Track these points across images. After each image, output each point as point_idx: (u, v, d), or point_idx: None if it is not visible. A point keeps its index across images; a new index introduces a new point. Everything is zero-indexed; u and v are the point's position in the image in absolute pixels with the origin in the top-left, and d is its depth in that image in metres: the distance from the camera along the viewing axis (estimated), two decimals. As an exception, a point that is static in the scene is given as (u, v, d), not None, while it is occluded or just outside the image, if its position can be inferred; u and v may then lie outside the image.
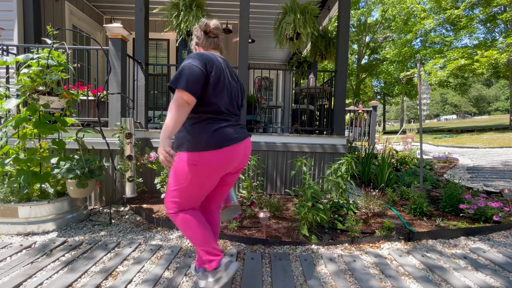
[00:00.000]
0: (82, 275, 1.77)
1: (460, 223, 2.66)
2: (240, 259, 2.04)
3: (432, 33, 18.00)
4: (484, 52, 12.75)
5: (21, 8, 3.65)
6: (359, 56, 23.57)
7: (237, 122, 1.55)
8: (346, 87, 3.83)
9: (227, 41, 6.27)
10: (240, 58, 3.69)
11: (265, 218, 2.28)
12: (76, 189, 2.41)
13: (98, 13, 5.87)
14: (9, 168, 2.40)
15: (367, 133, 7.09)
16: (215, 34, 1.54)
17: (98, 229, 2.51)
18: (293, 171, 2.91)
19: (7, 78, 3.03)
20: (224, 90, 1.43)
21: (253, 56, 8.74)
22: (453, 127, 20.07)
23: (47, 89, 2.32)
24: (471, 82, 24.82)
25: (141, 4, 3.54)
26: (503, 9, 14.41)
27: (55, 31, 2.42)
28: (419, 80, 3.44)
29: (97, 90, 3.44)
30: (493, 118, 32.53)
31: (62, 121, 2.55)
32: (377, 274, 1.87)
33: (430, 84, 14.59)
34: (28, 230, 2.39)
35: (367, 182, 4.09)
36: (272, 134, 3.64)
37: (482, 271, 1.90)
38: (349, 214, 2.87)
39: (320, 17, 5.51)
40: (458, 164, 5.99)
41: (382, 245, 2.32)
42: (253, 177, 3.44)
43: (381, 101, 27.25)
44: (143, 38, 3.58)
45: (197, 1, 3.80)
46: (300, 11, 3.81)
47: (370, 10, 21.73)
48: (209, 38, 1.54)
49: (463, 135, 14.03)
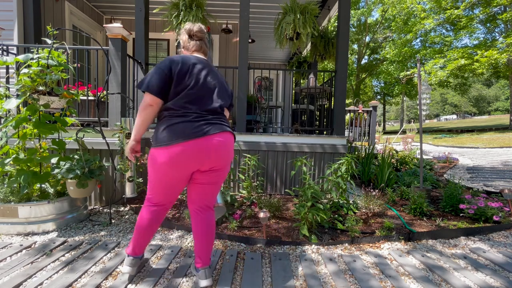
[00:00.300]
0: (82, 275, 1.77)
1: (460, 223, 2.66)
2: (240, 259, 2.04)
3: (432, 33, 18.01)
4: (484, 52, 12.75)
5: (21, 8, 3.65)
6: (359, 56, 23.57)
7: (209, 119, 1.50)
8: (346, 87, 3.83)
9: (227, 41, 6.27)
10: (240, 58, 3.69)
11: (265, 218, 2.28)
12: (76, 189, 2.41)
13: (98, 13, 5.87)
14: (9, 168, 2.40)
15: (367, 133, 7.09)
16: (198, 37, 1.63)
17: (98, 229, 2.51)
18: (293, 171, 2.91)
19: (7, 78, 3.03)
20: (190, 88, 1.47)
21: (253, 56, 8.74)
22: (453, 127, 20.07)
23: (47, 89, 2.32)
24: (471, 82, 24.82)
25: (141, 4, 3.54)
26: (503, 9, 14.41)
27: (55, 31, 2.42)
28: (419, 80, 3.44)
29: (97, 90, 3.44)
30: (493, 118, 32.53)
31: (62, 121, 2.55)
32: (377, 274, 1.87)
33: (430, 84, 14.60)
34: (28, 230, 2.39)
35: (367, 182, 4.09)
36: (272, 134, 3.64)
37: (482, 271, 1.90)
38: (349, 214, 2.87)
39: (320, 17, 5.51)
40: (458, 164, 5.99)
41: (382, 245, 2.32)
42: (253, 177, 3.44)
43: (381, 101, 27.25)
44: (143, 38, 3.59)
45: (197, 1, 3.80)
46: (300, 11, 3.81)
47: (370, 10, 21.74)
48: (192, 41, 1.61)
49: (463, 135, 14.03)
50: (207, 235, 1.63)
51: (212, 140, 1.46)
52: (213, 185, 1.61)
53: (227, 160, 1.56)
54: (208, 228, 1.63)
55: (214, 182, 1.60)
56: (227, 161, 1.57)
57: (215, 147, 1.47)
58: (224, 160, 1.54)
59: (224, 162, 1.55)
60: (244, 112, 3.69)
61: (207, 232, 1.63)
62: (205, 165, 1.50)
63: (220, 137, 1.50)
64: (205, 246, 1.61)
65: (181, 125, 1.43)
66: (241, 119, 3.68)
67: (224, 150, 1.51)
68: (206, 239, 1.62)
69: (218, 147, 1.48)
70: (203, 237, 1.61)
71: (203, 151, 1.44)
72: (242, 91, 3.67)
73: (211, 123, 1.49)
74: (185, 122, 1.44)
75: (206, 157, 1.46)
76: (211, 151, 1.46)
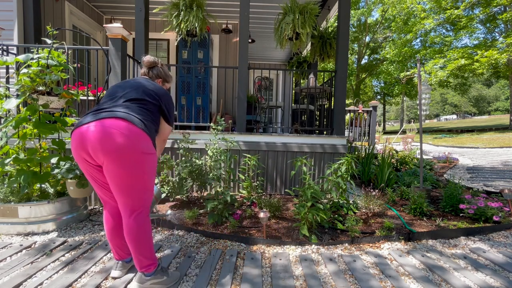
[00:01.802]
0: (82, 275, 1.76)
1: (460, 223, 2.66)
2: (240, 259, 2.04)
3: (432, 33, 18.01)
4: (484, 52, 12.75)
5: (21, 8, 3.65)
6: (359, 56, 23.57)
7: (101, 110, 1.49)
8: (346, 87, 3.83)
9: (227, 41, 6.27)
10: (240, 58, 3.69)
11: (265, 218, 2.28)
12: (76, 189, 2.41)
13: (98, 13, 5.87)
14: (9, 168, 2.40)
15: (367, 133, 7.09)
16: (144, 65, 1.90)
17: (98, 229, 2.51)
18: (293, 171, 2.91)
19: (7, 78, 3.03)
20: (108, 93, 1.66)
21: (253, 56, 8.74)
22: (453, 127, 20.07)
23: (46, 89, 2.32)
24: (471, 82, 24.83)
25: (141, 4, 3.54)
26: (503, 9, 14.40)
27: (55, 31, 2.42)
28: (419, 80, 3.44)
29: (97, 90, 3.44)
30: (493, 118, 32.52)
31: (62, 121, 2.55)
32: (377, 274, 1.87)
33: (430, 84, 14.59)
34: (28, 230, 2.39)
35: (367, 182, 4.09)
36: (272, 134, 3.64)
37: (482, 271, 1.90)
38: (349, 214, 2.87)
39: (320, 17, 5.51)
40: (458, 164, 5.99)
41: (382, 245, 2.32)
42: (253, 177, 3.44)
43: (381, 101, 27.25)
44: (143, 38, 3.58)
45: (197, 1, 3.80)
46: (299, 11, 3.80)
47: (370, 10, 21.74)
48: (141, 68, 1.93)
49: (463, 135, 14.03)
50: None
51: (90, 126, 1.40)
52: (111, 184, 1.47)
53: (106, 148, 1.37)
54: (124, 228, 1.56)
55: (109, 179, 1.47)
56: (106, 149, 1.38)
57: (95, 134, 1.38)
58: (103, 149, 1.37)
59: (102, 150, 1.37)
60: (244, 112, 3.69)
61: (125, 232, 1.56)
62: (90, 156, 1.44)
63: (101, 122, 1.40)
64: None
65: (82, 118, 1.60)
66: (241, 119, 3.68)
67: (105, 136, 1.37)
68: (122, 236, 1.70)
69: (98, 133, 1.38)
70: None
71: (86, 139, 1.40)
72: (242, 91, 3.67)
73: (102, 111, 1.48)
74: (85, 116, 1.57)
75: (85, 144, 1.41)
76: (88, 138, 1.39)
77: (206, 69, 5.44)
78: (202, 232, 2.43)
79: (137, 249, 1.52)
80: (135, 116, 1.49)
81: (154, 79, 1.87)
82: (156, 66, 1.89)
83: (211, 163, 3.04)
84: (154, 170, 1.59)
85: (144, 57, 1.89)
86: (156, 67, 1.89)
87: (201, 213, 2.84)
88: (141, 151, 1.45)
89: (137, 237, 1.50)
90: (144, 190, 1.52)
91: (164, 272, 1.62)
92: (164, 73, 1.92)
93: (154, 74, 1.88)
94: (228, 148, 3.21)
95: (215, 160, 3.01)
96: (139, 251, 1.52)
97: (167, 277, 1.62)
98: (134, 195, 1.49)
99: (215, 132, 3.14)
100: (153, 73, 1.88)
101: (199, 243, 2.29)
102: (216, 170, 3.00)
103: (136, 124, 1.45)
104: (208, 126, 3.80)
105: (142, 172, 1.48)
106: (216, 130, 3.12)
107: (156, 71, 1.88)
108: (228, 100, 6.18)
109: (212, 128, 3.13)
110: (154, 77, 1.87)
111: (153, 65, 1.88)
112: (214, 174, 2.98)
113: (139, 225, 1.50)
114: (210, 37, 5.78)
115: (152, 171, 1.56)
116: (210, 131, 3.35)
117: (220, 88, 6.19)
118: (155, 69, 1.88)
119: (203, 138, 3.54)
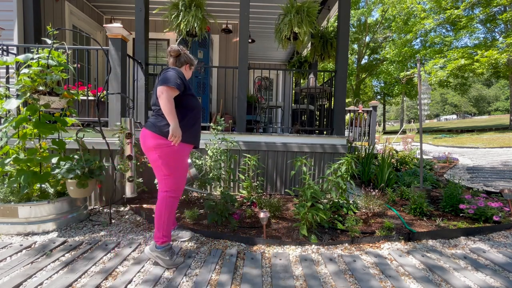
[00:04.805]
0: (82, 275, 1.77)
1: (460, 223, 2.66)
2: (240, 259, 2.04)
3: (432, 33, 18.00)
4: (484, 52, 12.73)
5: (21, 8, 3.65)
6: (359, 56, 23.56)
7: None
8: (346, 87, 3.83)
9: (227, 41, 6.26)
10: (240, 58, 3.69)
11: (265, 218, 2.28)
12: (76, 189, 2.40)
13: (98, 13, 5.87)
14: (9, 168, 2.40)
15: (367, 133, 7.09)
16: (172, 55, 2.04)
17: (98, 229, 2.51)
18: (293, 171, 2.91)
19: (7, 78, 3.03)
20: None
21: (253, 56, 8.74)
22: (453, 127, 20.06)
23: (47, 89, 2.32)
24: (471, 82, 24.82)
25: (141, 4, 3.54)
26: (503, 9, 14.40)
27: (55, 31, 2.42)
28: (419, 80, 3.44)
29: (97, 90, 3.44)
30: (493, 118, 32.50)
31: (62, 121, 2.55)
32: (377, 274, 1.87)
33: (430, 84, 14.59)
34: (28, 230, 2.39)
35: (367, 182, 4.09)
36: (272, 134, 3.63)
37: (482, 271, 1.90)
38: (349, 214, 2.87)
39: (320, 17, 5.51)
40: (458, 164, 5.99)
41: (382, 245, 2.32)
42: (253, 177, 3.43)
43: (381, 101, 27.24)
44: (143, 38, 3.58)
45: (197, 1, 3.79)
46: (296, 10, 3.77)
47: (370, 10, 21.73)
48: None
49: (463, 135, 14.03)
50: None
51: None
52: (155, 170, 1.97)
53: (144, 150, 1.94)
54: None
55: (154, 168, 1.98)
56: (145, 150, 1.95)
57: (141, 138, 1.97)
58: (144, 150, 1.94)
59: (144, 150, 1.95)
60: (244, 112, 3.69)
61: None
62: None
63: (142, 130, 1.97)
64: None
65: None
66: (241, 119, 3.68)
67: (142, 142, 1.94)
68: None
69: (141, 138, 1.98)
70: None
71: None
72: (242, 91, 3.67)
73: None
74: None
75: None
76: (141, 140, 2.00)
77: (206, 69, 5.44)
78: (202, 232, 2.44)
79: (156, 221, 1.90)
80: (149, 121, 1.94)
81: (181, 66, 2.03)
82: (181, 54, 2.03)
83: (211, 163, 3.04)
84: (175, 160, 1.89)
85: (170, 49, 2.01)
86: (181, 55, 2.03)
87: (201, 213, 2.84)
88: (148, 148, 1.89)
89: (159, 211, 1.90)
90: (164, 177, 1.90)
91: (170, 253, 1.90)
92: (189, 58, 2.08)
93: (181, 62, 2.03)
94: (228, 148, 3.21)
95: (215, 160, 3.01)
96: (158, 223, 1.89)
97: (169, 259, 1.88)
98: (160, 181, 1.94)
99: (215, 132, 3.13)
100: (180, 61, 2.03)
101: (199, 243, 2.29)
102: (216, 170, 3.00)
103: (146, 126, 1.92)
104: (208, 126, 3.80)
105: (161, 164, 1.88)
106: (216, 130, 3.12)
107: (183, 59, 2.03)
108: (228, 100, 6.17)
109: (212, 128, 3.12)
110: (181, 65, 2.03)
111: (178, 54, 2.02)
112: (214, 174, 2.98)
113: (161, 203, 1.91)
114: (210, 37, 5.78)
115: (172, 161, 1.88)
116: (210, 131, 3.35)
117: (220, 88, 6.18)
118: (182, 57, 2.03)
119: (203, 138, 3.54)
